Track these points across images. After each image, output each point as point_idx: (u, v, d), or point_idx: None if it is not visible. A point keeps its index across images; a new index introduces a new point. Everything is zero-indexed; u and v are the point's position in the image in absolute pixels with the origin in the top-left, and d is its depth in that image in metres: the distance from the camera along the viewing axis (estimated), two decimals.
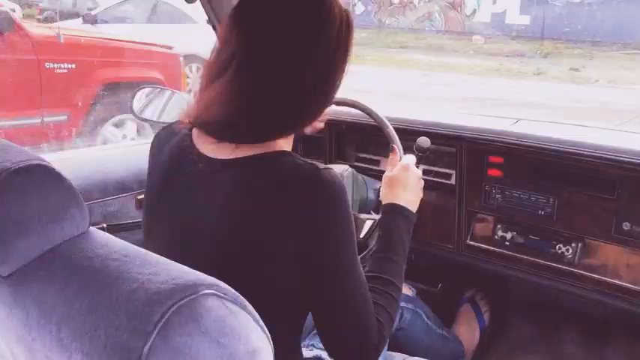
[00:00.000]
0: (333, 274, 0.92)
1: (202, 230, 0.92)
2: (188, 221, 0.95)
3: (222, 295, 0.55)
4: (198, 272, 0.57)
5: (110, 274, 0.57)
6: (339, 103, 1.47)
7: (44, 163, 0.64)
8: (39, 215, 0.62)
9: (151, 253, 0.62)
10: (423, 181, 1.27)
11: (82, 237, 0.65)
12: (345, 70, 0.96)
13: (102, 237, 0.66)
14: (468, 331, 1.84)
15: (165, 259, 0.61)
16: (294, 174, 0.89)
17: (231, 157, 0.91)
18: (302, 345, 1.12)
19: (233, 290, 0.57)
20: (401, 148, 1.36)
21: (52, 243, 0.63)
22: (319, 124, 1.40)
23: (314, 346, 1.24)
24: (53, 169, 0.64)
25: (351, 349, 0.96)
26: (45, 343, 0.57)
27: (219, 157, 0.92)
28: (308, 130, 1.28)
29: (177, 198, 0.97)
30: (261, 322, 0.58)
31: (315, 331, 1.22)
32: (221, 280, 0.89)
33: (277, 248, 0.88)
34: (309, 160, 0.91)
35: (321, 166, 0.90)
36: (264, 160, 0.91)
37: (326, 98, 0.97)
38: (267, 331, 0.58)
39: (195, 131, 0.98)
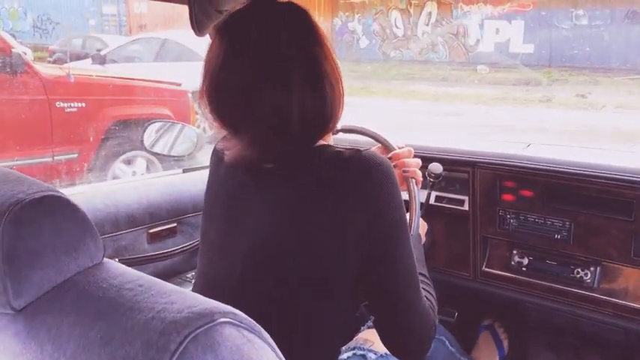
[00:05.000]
0: (391, 257, 0.91)
1: (255, 226, 0.93)
2: (243, 220, 0.95)
3: (238, 323, 0.54)
4: (213, 301, 0.56)
5: (125, 304, 0.56)
6: (346, 131, 1.45)
7: (58, 194, 0.64)
8: (53, 246, 0.61)
9: (166, 283, 0.61)
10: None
11: (96, 268, 0.64)
12: (336, 62, 0.93)
13: (116, 267, 0.65)
14: (488, 359, 1.80)
15: (181, 288, 0.60)
16: (337, 161, 0.89)
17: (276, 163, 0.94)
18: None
19: (249, 318, 0.56)
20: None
21: (67, 274, 0.62)
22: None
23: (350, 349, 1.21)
24: (67, 200, 0.64)
25: (416, 336, 0.97)
26: None
27: (267, 165, 0.94)
28: None
29: (231, 202, 0.99)
30: (277, 349, 0.57)
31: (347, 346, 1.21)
32: (270, 274, 0.90)
33: (333, 237, 0.88)
34: (348, 146, 0.92)
35: (363, 149, 0.91)
36: (309, 156, 0.92)
37: (333, 100, 0.93)
38: (284, 358, 0.57)
39: None
